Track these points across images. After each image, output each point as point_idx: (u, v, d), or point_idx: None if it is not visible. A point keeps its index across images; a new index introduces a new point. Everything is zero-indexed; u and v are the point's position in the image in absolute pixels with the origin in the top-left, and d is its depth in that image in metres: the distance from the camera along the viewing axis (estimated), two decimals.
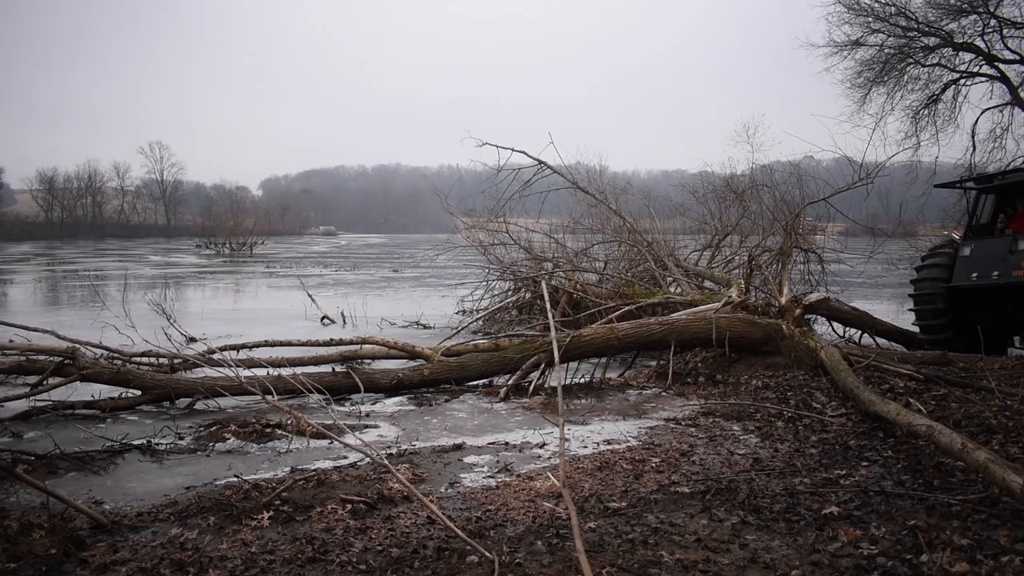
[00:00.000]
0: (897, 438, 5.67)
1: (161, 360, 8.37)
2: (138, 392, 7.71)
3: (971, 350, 9.72)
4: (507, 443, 6.25)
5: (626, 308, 9.94)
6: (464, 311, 14.59)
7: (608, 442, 6.19)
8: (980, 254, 9.92)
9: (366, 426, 6.94)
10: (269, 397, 5.18)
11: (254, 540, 4.06)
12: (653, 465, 5.40)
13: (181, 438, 6.51)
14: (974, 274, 9.82)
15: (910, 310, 10.93)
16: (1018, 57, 20.63)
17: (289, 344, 9.40)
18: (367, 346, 9.25)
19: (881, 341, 10.36)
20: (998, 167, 21.99)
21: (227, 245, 51.40)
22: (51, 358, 7.77)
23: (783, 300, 9.23)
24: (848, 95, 22.11)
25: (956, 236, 10.85)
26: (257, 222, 63.62)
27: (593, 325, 9.22)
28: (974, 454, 4.35)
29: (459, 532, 3.78)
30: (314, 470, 5.44)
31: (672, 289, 12.29)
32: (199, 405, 7.70)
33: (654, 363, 9.36)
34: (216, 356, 7.91)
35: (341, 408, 7.63)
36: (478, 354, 8.90)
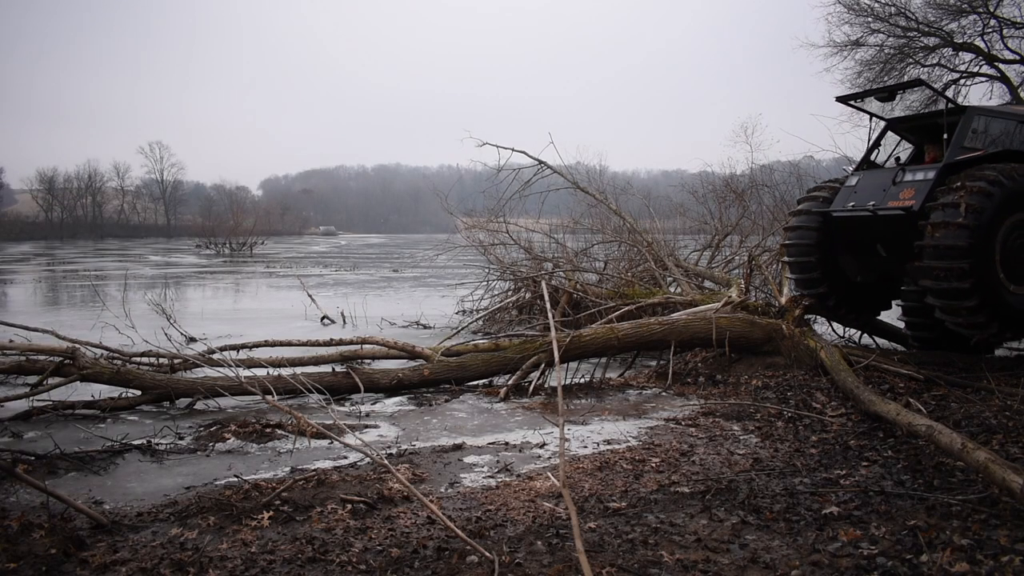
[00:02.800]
0: (897, 438, 5.67)
1: (161, 360, 8.37)
2: (138, 392, 7.72)
3: (847, 311, 8.95)
4: (507, 443, 6.25)
5: (626, 308, 9.94)
6: (464, 311, 14.59)
7: (608, 442, 6.19)
8: (864, 183, 8.49)
9: (366, 426, 6.94)
10: (269, 397, 5.18)
11: (254, 540, 4.06)
12: (653, 465, 5.40)
13: (181, 438, 6.51)
14: (851, 203, 8.44)
15: (784, 261, 9.47)
16: (1018, 57, 20.65)
17: (289, 344, 9.39)
18: (367, 346, 9.25)
19: (881, 341, 10.34)
20: None
21: (227, 245, 51.38)
22: (51, 358, 7.77)
23: (783, 300, 9.23)
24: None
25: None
26: (257, 222, 63.59)
27: (593, 325, 9.22)
28: (974, 454, 4.35)
29: (459, 532, 3.78)
30: (314, 470, 5.44)
31: (672, 289, 12.29)
32: (199, 405, 7.70)
33: (654, 363, 9.35)
34: (216, 356, 7.91)
35: (341, 408, 7.63)
36: (478, 354, 8.89)
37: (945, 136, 7.90)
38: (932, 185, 7.37)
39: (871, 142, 8.77)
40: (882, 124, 8.81)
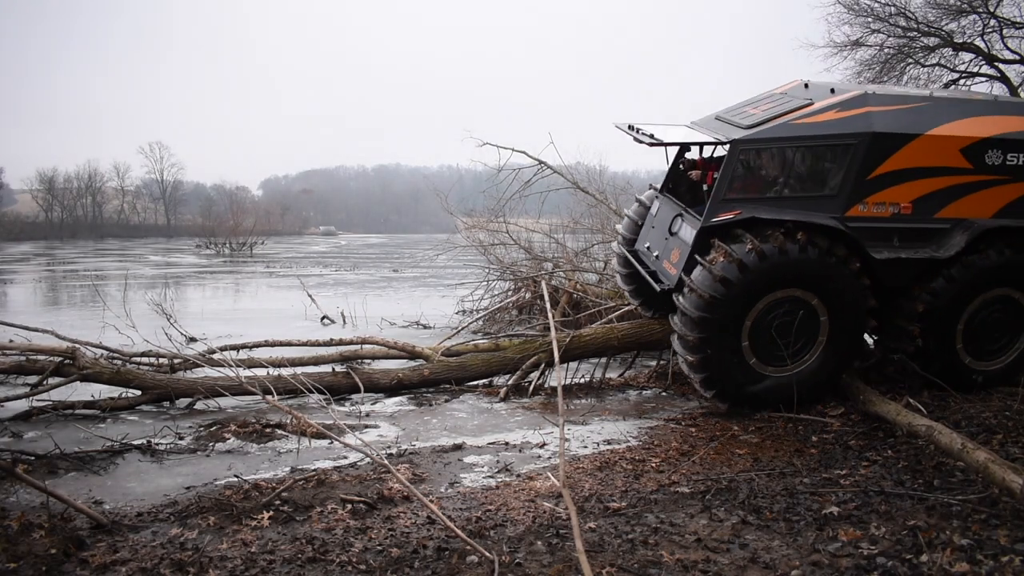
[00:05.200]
0: (897, 438, 5.67)
1: (161, 360, 8.37)
2: (138, 392, 7.72)
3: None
4: (507, 443, 6.26)
5: (626, 308, 9.92)
6: (464, 311, 14.57)
7: (608, 442, 6.19)
8: (660, 216, 7.70)
9: (366, 426, 6.94)
10: (269, 397, 5.18)
11: (254, 540, 4.06)
12: (653, 465, 5.40)
13: (181, 438, 6.51)
14: (647, 243, 7.82)
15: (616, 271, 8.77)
16: (1018, 57, 20.63)
17: (289, 344, 9.39)
18: (367, 346, 9.25)
19: None
20: None
21: (227, 245, 51.34)
22: (51, 358, 7.77)
23: None
24: None
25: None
26: (257, 222, 63.53)
27: (593, 325, 9.22)
28: (974, 454, 4.36)
29: (459, 532, 3.78)
30: (314, 470, 5.44)
31: None
32: (199, 405, 7.70)
33: (654, 363, 9.35)
34: (216, 356, 7.91)
35: (341, 408, 7.63)
36: (478, 354, 8.89)
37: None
38: (689, 255, 6.64)
39: (669, 165, 8.02)
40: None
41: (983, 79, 21.41)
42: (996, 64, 20.98)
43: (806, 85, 7.22)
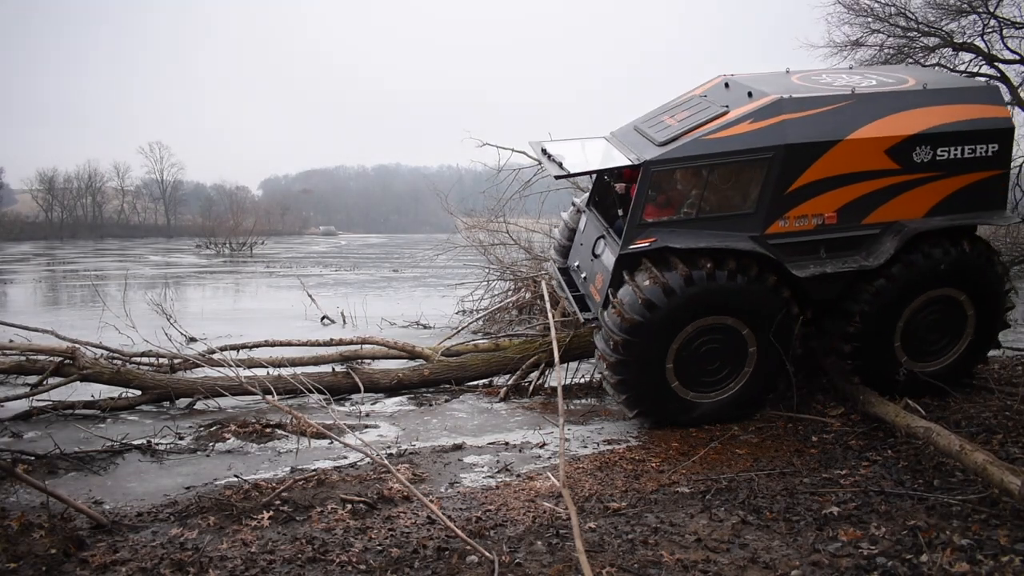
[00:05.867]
0: (897, 438, 5.67)
1: (161, 360, 8.37)
2: (138, 392, 7.72)
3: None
4: (507, 443, 6.26)
5: None
6: (464, 311, 14.57)
7: (608, 442, 6.19)
8: (586, 233, 7.48)
9: (366, 426, 6.94)
10: (269, 397, 5.18)
11: (254, 540, 4.06)
12: (653, 465, 5.40)
13: (181, 438, 6.51)
14: (576, 262, 7.64)
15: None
16: (1018, 57, 20.63)
17: (289, 344, 9.39)
18: (367, 346, 9.25)
19: None
20: None
21: (227, 245, 51.34)
22: (51, 358, 7.77)
23: None
24: None
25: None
26: (257, 222, 63.57)
27: None
28: (972, 456, 4.36)
29: (459, 532, 3.78)
30: (314, 470, 5.44)
31: None
32: (199, 405, 7.70)
33: None
34: (216, 356, 7.90)
35: (341, 408, 7.64)
36: (478, 354, 8.89)
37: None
38: (609, 283, 6.47)
39: (593, 178, 7.70)
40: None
41: (983, 79, 21.43)
42: (996, 64, 20.97)
43: (727, 85, 6.85)
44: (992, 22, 20.49)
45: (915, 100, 6.46)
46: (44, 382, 7.59)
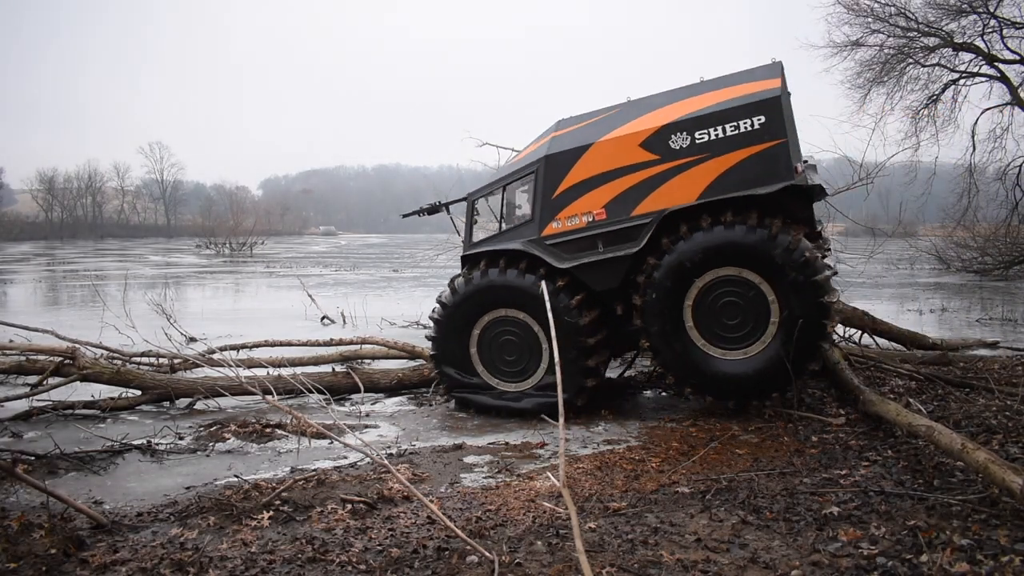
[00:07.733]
0: (897, 438, 5.67)
1: (161, 360, 8.38)
2: (138, 392, 7.72)
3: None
4: (507, 443, 6.26)
5: None
6: None
7: (608, 442, 6.19)
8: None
9: (366, 426, 6.94)
10: (269, 397, 5.17)
11: (254, 540, 4.06)
12: (653, 465, 5.40)
13: (181, 438, 6.51)
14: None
15: None
16: (1018, 57, 20.64)
17: (289, 344, 9.40)
18: (367, 346, 9.26)
19: (881, 341, 10.33)
20: (998, 167, 22.02)
21: (227, 245, 51.37)
22: (51, 358, 7.78)
23: None
24: (848, 95, 22.16)
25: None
26: (257, 222, 63.65)
27: None
28: (974, 454, 4.35)
29: (459, 532, 3.78)
30: (314, 470, 5.44)
31: None
32: (199, 405, 7.70)
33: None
34: (216, 356, 7.90)
35: (341, 408, 7.64)
36: None
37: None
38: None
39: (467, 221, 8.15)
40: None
41: (983, 79, 21.44)
42: (996, 64, 20.99)
43: (559, 121, 7.46)
44: (992, 22, 20.50)
45: (684, 94, 6.86)
46: (44, 382, 7.59)
